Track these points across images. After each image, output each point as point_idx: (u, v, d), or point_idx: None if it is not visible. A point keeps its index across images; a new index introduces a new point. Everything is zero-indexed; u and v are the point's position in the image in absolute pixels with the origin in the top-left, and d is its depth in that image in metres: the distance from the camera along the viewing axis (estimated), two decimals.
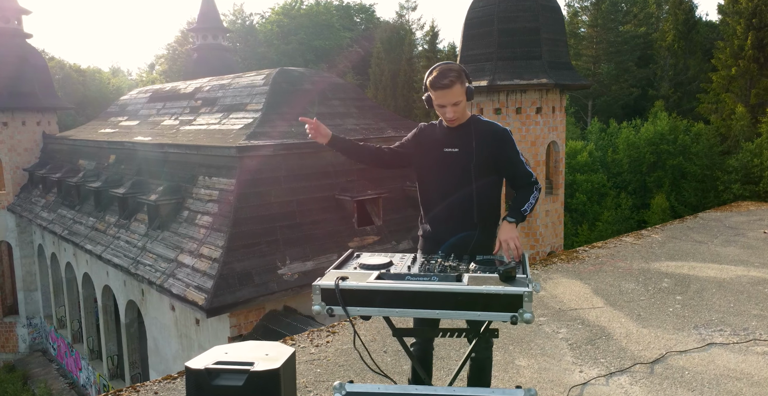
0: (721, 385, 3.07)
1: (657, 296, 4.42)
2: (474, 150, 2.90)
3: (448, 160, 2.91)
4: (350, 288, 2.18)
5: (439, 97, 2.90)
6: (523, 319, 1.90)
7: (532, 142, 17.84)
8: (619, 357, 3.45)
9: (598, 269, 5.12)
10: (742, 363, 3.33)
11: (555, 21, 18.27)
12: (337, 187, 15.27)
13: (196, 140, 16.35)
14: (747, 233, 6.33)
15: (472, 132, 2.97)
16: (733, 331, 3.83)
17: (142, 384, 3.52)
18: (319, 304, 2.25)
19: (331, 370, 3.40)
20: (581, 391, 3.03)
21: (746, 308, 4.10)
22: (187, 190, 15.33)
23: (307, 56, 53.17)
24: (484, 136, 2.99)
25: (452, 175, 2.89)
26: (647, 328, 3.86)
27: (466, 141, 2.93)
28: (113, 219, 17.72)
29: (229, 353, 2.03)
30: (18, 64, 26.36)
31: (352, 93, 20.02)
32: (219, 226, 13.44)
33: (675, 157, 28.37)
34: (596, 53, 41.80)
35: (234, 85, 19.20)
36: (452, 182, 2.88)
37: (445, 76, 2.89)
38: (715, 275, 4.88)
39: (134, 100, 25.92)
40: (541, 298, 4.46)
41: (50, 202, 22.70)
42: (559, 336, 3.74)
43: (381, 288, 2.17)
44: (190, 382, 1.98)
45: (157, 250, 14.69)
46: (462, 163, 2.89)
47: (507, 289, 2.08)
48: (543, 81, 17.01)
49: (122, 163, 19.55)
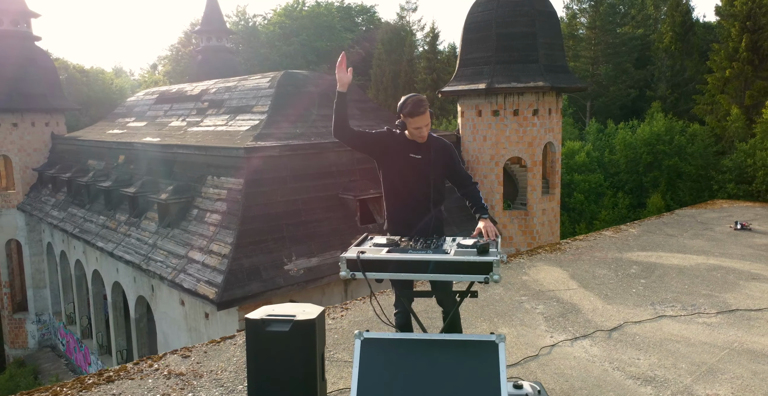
0: (663, 346, 3.69)
1: (624, 280, 5.02)
2: (432, 157, 3.71)
3: (413, 163, 3.71)
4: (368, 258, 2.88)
5: (417, 122, 3.65)
6: (493, 279, 2.60)
7: (529, 143, 18.45)
8: (584, 326, 4.07)
9: (577, 258, 5.72)
10: (684, 330, 3.95)
11: (551, 26, 18.89)
12: (340, 186, 15.83)
13: (205, 141, 16.92)
14: (715, 228, 6.90)
15: (431, 144, 3.74)
16: (683, 307, 4.43)
17: (192, 346, 4.09)
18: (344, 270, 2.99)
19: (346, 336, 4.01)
20: (550, 351, 3.63)
21: (698, 289, 4.72)
22: (196, 190, 15.90)
23: (308, 57, 53.73)
24: (438, 148, 3.78)
25: (416, 175, 3.70)
26: (611, 304, 4.46)
27: (425, 151, 3.73)
28: (123, 217, 18.29)
29: (275, 310, 2.64)
30: (27, 66, 26.93)
31: (355, 95, 20.57)
32: (228, 223, 14.01)
33: (671, 157, 28.91)
34: (594, 54, 42.33)
35: (240, 88, 19.77)
36: (416, 180, 3.69)
37: (420, 105, 3.67)
38: (678, 263, 5.48)
39: (141, 101, 26.48)
40: (524, 282, 5.04)
41: (60, 201, 23.27)
42: (536, 311, 4.36)
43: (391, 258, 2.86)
44: (250, 329, 2.59)
45: (167, 247, 15.26)
46: (423, 166, 3.69)
47: (482, 258, 2.78)
48: (539, 84, 17.63)
49: (131, 163, 20.12)
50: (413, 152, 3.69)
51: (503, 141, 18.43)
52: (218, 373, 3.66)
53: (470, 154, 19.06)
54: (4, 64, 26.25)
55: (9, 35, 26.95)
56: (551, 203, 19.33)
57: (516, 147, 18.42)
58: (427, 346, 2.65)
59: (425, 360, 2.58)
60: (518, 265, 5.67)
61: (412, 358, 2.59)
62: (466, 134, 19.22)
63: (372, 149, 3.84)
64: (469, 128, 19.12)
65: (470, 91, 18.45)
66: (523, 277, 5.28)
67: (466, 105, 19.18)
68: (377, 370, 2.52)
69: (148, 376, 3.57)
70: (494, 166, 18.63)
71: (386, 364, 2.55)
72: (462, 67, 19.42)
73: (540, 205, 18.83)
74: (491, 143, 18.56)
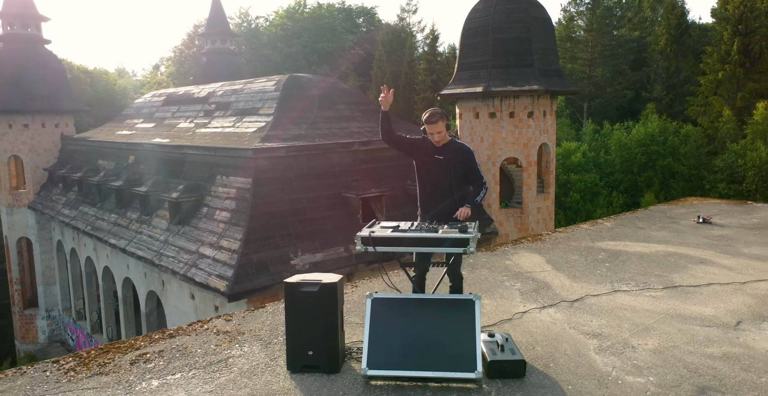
0: (613, 313, 4.50)
1: (591, 264, 5.81)
2: (453, 159, 4.59)
3: (438, 163, 4.66)
4: (377, 236, 3.77)
5: (430, 128, 4.64)
6: (469, 251, 3.53)
7: (525, 144, 19.19)
8: (551, 298, 4.86)
9: (554, 247, 6.49)
10: (632, 301, 4.75)
11: (546, 31, 19.63)
12: (343, 185, 16.58)
13: (213, 142, 17.67)
14: (681, 222, 7.64)
15: (451, 148, 4.66)
16: (636, 284, 5.21)
17: (232, 313, 4.86)
18: (360, 245, 3.90)
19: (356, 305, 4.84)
20: (521, 316, 4.41)
21: (652, 271, 5.51)
22: (205, 189, 16.66)
23: (310, 58, 54.47)
24: (458, 152, 4.68)
25: (439, 173, 4.63)
26: (577, 282, 5.23)
27: (447, 153, 4.66)
28: (135, 215, 19.04)
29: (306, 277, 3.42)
30: (37, 68, 27.68)
31: (357, 97, 21.33)
32: (237, 220, 14.77)
33: (665, 157, 29.64)
34: (592, 56, 43.05)
35: (246, 91, 20.52)
36: (439, 177, 4.62)
37: (433, 116, 4.66)
38: (640, 250, 6.25)
39: (149, 103, 27.24)
40: (507, 265, 5.80)
41: (71, 200, 24.02)
42: (514, 288, 5.14)
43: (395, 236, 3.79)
44: (288, 290, 3.38)
45: (179, 243, 16.01)
46: (445, 165, 4.61)
47: (461, 235, 3.60)
48: (534, 87, 18.37)
49: (141, 163, 20.86)
50: (437, 154, 4.64)
51: (500, 142, 19.16)
52: (256, 331, 4.51)
53: None
54: (16, 67, 27.01)
55: (20, 39, 27.72)
56: (546, 202, 20.07)
57: (512, 148, 19.16)
58: (421, 303, 3.43)
59: (420, 313, 3.35)
60: (503, 252, 6.43)
61: (410, 312, 3.36)
62: (464, 135, 19.96)
63: (408, 151, 4.84)
64: (467, 129, 19.85)
65: (468, 94, 19.18)
66: (506, 261, 6.04)
67: (464, 107, 19.92)
68: (383, 321, 3.28)
69: (201, 333, 4.42)
70: (491, 166, 19.36)
71: (390, 316, 3.32)
72: (460, 71, 20.16)
73: (535, 204, 19.57)
74: (488, 144, 19.29)
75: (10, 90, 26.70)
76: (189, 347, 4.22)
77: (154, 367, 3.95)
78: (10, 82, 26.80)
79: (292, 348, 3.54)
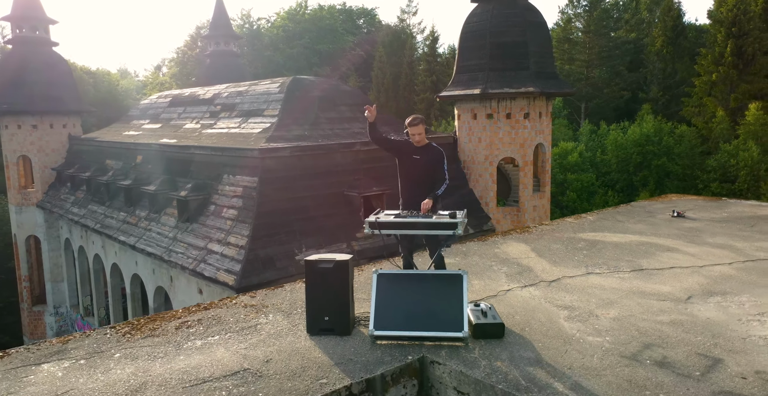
0: (584, 291, 5.16)
1: (571, 251, 6.45)
2: (428, 159, 5.40)
3: (416, 162, 5.46)
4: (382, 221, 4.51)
5: (412, 130, 5.48)
6: (457, 233, 4.18)
7: (521, 145, 19.82)
8: (532, 280, 5.51)
9: (539, 237, 7.13)
10: (602, 282, 5.40)
11: (541, 35, 20.27)
12: (345, 184, 17.20)
13: (220, 143, 18.29)
14: (657, 216, 8.26)
15: (428, 150, 5.48)
16: (607, 268, 5.84)
17: (255, 292, 5.49)
18: (368, 228, 4.67)
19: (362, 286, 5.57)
20: (505, 293, 5.07)
21: (624, 257, 6.18)
22: (213, 187, 17.28)
23: (311, 59, 55.06)
24: (433, 153, 5.47)
25: (416, 170, 5.43)
26: (556, 267, 5.86)
27: (423, 154, 5.44)
28: (143, 213, 19.66)
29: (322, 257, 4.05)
30: (45, 70, 28.32)
31: (358, 99, 21.94)
32: (244, 218, 15.39)
33: (659, 157, 30.28)
34: (589, 58, 43.68)
35: (251, 92, 21.13)
36: (416, 173, 5.43)
37: (415, 120, 5.53)
38: (616, 240, 6.89)
39: (154, 104, 27.85)
40: (495, 253, 6.43)
41: (80, 199, 24.64)
42: (501, 271, 5.79)
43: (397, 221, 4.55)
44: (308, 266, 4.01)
45: (187, 239, 16.63)
46: (422, 164, 5.41)
47: (451, 220, 4.29)
48: (530, 89, 19.01)
49: (149, 162, 21.48)
50: (415, 154, 5.44)
51: (497, 142, 19.78)
52: (278, 305, 5.20)
53: (466, 154, 20.43)
54: (25, 69, 27.65)
55: (29, 41, 28.36)
56: (542, 200, 20.69)
57: (508, 148, 19.78)
58: (419, 278, 4.07)
59: (417, 286, 3.97)
60: (493, 242, 7.07)
61: (408, 284, 4.00)
62: (462, 136, 20.58)
63: (392, 150, 5.64)
64: (465, 130, 20.48)
65: (466, 95, 19.81)
66: (495, 250, 6.67)
67: (463, 108, 20.54)
68: (387, 292, 3.91)
69: (231, 307, 5.12)
70: (488, 166, 19.98)
71: (392, 288, 3.94)
72: (458, 73, 20.79)
73: (531, 202, 20.18)
74: (486, 144, 19.92)
75: (19, 91, 27.33)
76: (222, 317, 4.94)
77: (195, 332, 4.62)
78: (18, 83, 27.43)
79: (311, 315, 4.23)
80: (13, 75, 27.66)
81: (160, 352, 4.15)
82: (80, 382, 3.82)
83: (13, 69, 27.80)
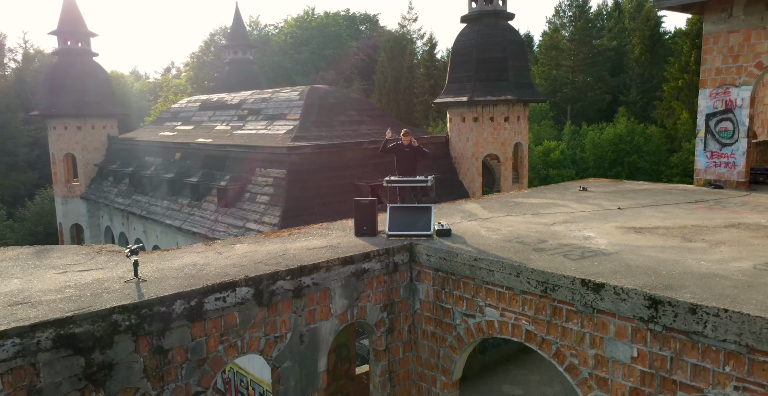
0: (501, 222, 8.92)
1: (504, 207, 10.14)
2: (412, 150, 8.94)
3: (406, 153, 9.00)
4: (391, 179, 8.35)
5: (404, 139, 9.09)
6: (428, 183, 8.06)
7: (502, 143, 23.62)
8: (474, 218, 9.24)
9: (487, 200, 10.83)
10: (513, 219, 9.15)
11: (519, 51, 24.08)
12: (356, 176, 20.98)
13: (251, 142, 22.08)
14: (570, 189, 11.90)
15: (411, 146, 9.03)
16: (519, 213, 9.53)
17: (322, 223, 9.28)
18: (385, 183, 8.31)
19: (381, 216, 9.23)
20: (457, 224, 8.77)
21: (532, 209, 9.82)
22: (247, 179, 21.07)
23: (317, 64, 58.79)
24: (413, 147, 8.94)
25: (406, 157, 9.07)
26: (490, 213, 9.57)
27: (410, 148, 8.99)
28: (185, 201, 23.45)
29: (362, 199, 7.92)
30: (87, 78, 32.10)
31: (365, 105, 25.75)
32: (275, 202, 19.19)
33: (631, 155, 34.05)
34: (574, 64, 47.41)
35: (274, 99, 24.92)
36: (407, 158, 9.04)
37: (406, 134, 9.31)
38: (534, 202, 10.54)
39: (185, 108, 31.65)
40: (458, 208, 10.10)
41: (123, 191, 28.43)
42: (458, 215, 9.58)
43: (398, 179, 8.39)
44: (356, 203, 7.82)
45: (227, 220, 20.43)
46: (410, 154, 8.96)
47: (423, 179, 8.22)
48: (509, 97, 22.84)
49: (187, 159, 25.27)
50: (405, 148, 9.08)
51: (482, 141, 23.57)
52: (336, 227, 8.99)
53: (456, 151, 24.23)
54: (70, 77, 31.44)
55: (73, 52, 32.14)
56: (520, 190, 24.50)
57: (492, 146, 23.58)
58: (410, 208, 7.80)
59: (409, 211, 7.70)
60: (458, 203, 10.77)
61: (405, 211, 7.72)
62: (453, 136, 24.38)
63: (392, 152, 9.31)
64: (455, 131, 24.27)
65: (456, 102, 23.61)
66: (458, 206, 10.36)
67: (453, 113, 24.35)
68: (394, 214, 7.63)
69: (312, 229, 8.83)
70: (475, 161, 23.78)
71: (397, 212, 7.66)
72: (450, 83, 24.59)
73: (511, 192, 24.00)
74: (472, 143, 23.71)
75: (65, 97, 31.14)
76: (310, 232, 8.66)
77: (298, 236, 8.30)
78: (65, 90, 31.23)
79: (357, 226, 8.02)
80: (60, 83, 31.46)
81: (287, 241, 7.81)
82: (261, 248, 7.51)
83: (60, 77, 31.59)
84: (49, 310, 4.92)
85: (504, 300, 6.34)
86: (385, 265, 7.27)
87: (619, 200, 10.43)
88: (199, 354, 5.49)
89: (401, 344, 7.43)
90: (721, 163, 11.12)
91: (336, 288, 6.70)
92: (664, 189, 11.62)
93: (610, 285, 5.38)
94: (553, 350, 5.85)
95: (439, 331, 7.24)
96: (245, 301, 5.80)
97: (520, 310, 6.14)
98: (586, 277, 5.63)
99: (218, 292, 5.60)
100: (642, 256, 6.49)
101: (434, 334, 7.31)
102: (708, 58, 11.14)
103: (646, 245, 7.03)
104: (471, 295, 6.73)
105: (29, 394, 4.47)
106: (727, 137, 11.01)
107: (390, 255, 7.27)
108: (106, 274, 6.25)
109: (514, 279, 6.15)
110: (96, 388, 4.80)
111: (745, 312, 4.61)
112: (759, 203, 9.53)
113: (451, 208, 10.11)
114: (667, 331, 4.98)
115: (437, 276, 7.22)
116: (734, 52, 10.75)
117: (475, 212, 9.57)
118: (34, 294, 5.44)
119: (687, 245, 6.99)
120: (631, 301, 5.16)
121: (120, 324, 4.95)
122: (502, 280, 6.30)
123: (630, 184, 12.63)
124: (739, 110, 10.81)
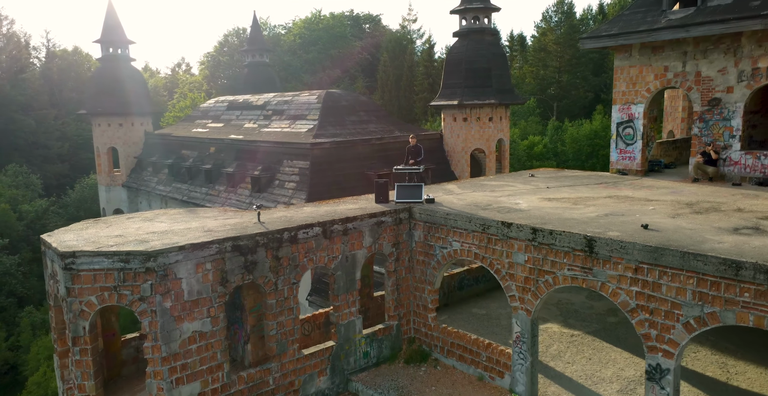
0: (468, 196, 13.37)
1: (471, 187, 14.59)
2: (415, 148, 13.53)
3: (410, 151, 13.57)
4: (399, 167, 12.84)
5: (410, 140, 13.55)
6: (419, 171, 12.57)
7: (487, 139, 28.25)
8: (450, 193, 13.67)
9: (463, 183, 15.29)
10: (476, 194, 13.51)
11: (502, 63, 28.66)
12: (365, 166, 25.62)
13: (278, 138, 26.70)
14: (523, 176, 16.43)
15: (416, 147, 13.57)
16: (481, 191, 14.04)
17: (345, 197, 13.89)
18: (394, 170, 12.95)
19: None
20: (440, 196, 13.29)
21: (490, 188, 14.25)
22: (276, 169, 25.71)
23: (324, 63, 63.20)
24: (417, 147, 13.56)
25: (412, 155, 13.60)
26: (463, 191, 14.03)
27: (415, 147, 13.55)
28: (222, 188, 28.11)
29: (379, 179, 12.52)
30: (126, 81, 36.67)
31: (373, 106, 30.36)
32: (301, 188, 23.85)
33: (605, 148, 38.60)
34: (560, 65, 51.85)
35: (295, 101, 29.51)
36: (411, 155, 13.59)
37: (412, 138, 13.63)
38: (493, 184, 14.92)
39: (214, 107, 36.24)
40: (441, 188, 14.73)
41: (163, 179, 33.08)
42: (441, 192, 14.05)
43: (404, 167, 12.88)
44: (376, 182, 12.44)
45: (260, 203, 25.06)
46: (413, 152, 13.58)
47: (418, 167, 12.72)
48: (492, 101, 27.45)
49: (221, 152, 29.90)
50: (412, 148, 13.65)
51: (470, 138, 28.20)
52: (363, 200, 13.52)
53: (449, 146, 28.83)
54: (113, 80, 36.01)
55: (114, 58, 36.68)
56: None
57: (478, 142, 28.21)
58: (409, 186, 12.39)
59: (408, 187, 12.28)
60: (442, 185, 15.36)
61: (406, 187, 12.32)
62: (446, 133, 28.99)
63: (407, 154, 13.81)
64: (448, 129, 28.89)
65: (448, 105, 28.21)
66: (442, 187, 14.91)
67: (446, 114, 28.95)
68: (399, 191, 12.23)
69: (345, 200, 13.41)
70: (464, 154, 28.41)
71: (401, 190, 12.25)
72: (443, 88, 29.18)
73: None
74: (462, 139, 28.33)
75: (108, 98, 35.73)
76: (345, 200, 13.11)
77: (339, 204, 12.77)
78: (107, 91, 35.83)
79: (377, 196, 12.48)
80: (103, 85, 36.04)
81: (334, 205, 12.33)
82: (320, 209, 12.23)
83: (104, 80, 36.17)
84: (225, 233, 9.55)
85: (462, 236, 10.93)
86: (394, 219, 11.84)
87: (551, 183, 14.97)
88: (295, 262, 10.10)
89: (403, 268, 12.02)
90: (626, 157, 15.76)
91: (366, 231, 11.26)
92: (587, 175, 16.26)
93: (515, 223, 10.00)
94: (488, 262, 10.47)
95: (426, 258, 11.84)
96: (317, 235, 10.39)
97: (471, 242, 10.75)
98: (504, 220, 10.26)
99: (303, 229, 10.18)
100: (542, 211, 11.06)
101: (423, 261, 11.91)
102: (617, 84, 15.74)
103: (548, 206, 11.64)
104: (444, 235, 11.33)
105: (221, 272, 9.10)
106: (630, 139, 15.65)
107: (397, 213, 11.85)
108: (240, 219, 10.83)
109: (468, 224, 10.74)
110: (249, 273, 9.42)
111: (573, 232, 9.22)
112: (641, 184, 14.11)
113: (437, 187, 14.72)
114: (540, 244, 9.59)
115: (425, 226, 11.81)
116: (633, 80, 15.35)
117: (452, 190, 14.15)
118: (211, 227, 10.04)
119: (572, 206, 11.59)
120: (524, 230, 9.77)
121: (259, 242, 9.54)
122: (461, 225, 10.88)
123: (567, 172, 17.26)
124: (637, 121, 15.44)
